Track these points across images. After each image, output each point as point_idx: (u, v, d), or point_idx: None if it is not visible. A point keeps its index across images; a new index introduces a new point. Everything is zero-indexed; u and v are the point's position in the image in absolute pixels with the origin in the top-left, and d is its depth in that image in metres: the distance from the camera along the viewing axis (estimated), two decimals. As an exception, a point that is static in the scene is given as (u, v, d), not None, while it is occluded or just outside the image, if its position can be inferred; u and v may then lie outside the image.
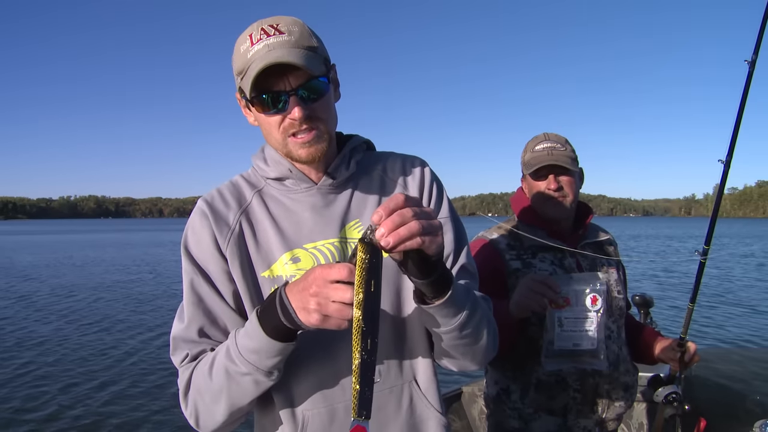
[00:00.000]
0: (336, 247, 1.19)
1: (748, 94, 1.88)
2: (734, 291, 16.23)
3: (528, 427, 1.84)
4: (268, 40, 1.08)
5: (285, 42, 1.08)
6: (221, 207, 1.21)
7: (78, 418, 6.27)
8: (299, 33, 1.11)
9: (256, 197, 1.24)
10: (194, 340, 1.16)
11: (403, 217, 0.86)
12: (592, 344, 1.70)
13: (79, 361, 8.77)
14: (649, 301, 2.84)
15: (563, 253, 1.89)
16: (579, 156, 1.94)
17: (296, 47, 1.09)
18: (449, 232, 1.27)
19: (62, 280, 19.45)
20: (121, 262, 27.28)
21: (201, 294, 1.17)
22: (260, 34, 1.09)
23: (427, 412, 1.23)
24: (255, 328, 1.02)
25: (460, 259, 1.27)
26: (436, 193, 1.31)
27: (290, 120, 1.11)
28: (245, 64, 1.10)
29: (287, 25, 1.11)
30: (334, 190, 1.24)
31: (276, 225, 1.20)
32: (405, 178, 1.30)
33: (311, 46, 1.12)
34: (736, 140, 1.89)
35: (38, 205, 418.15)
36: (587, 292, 1.68)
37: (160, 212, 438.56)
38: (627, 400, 1.89)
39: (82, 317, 12.47)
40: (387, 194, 1.27)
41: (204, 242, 1.18)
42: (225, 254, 1.17)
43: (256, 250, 1.19)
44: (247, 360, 1.04)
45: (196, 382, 1.13)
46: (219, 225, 1.19)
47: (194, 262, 1.18)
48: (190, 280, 1.18)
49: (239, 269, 1.16)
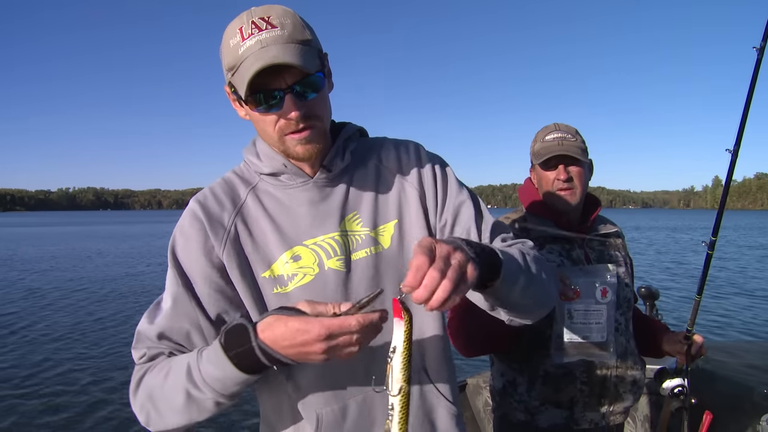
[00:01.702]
0: (337, 241, 1.17)
1: (756, 81, 1.86)
2: (740, 283, 16.20)
3: (534, 420, 1.83)
4: (260, 36, 1.04)
5: (278, 37, 1.04)
6: (215, 208, 1.18)
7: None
8: (292, 26, 1.06)
9: (251, 195, 1.21)
10: (153, 341, 1.14)
11: (433, 280, 0.82)
12: (602, 337, 1.69)
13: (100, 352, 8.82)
14: (655, 294, 2.84)
15: (571, 244, 1.87)
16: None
17: (290, 42, 1.04)
18: (467, 208, 1.24)
19: (72, 273, 19.49)
20: (127, 253, 27.37)
21: (177, 299, 1.14)
22: (251, 28, 1.04)
23: (437, 401, 1.22)
24: (221, 360, 1.00)
25: (484, 226, 1.24)
26: (440, 174, 1.27)
27: (286, 120, 1.08)
28: (236, 60, 1.05)
29: (279, 17, 1.06)
30: (330, 183, 1.21)
31: (273, 223, 1.18)
32: (401, 166, 1.28)
33: (305, 39, 1.07)
34: (744, 129, 1.87)
35: (36, 197, 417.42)
36: (597, 285, 1.67)
37: (159, 204, 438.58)
38: (634, 393, 1.88)
39: (97, 309, 12.46)
40: (383, 185, 1.25)
41: (192, 248, 1.15)
42: (222, 258, 1.14)
43: (254, 251, 1.16)
44: (211, 387, 1.03)
45: (148, 389, 1.10)
46: (214, 228, 1.15)
47: (178, 267, 1.15)
48: (170, 284, 1.16)
49: (238, 272, 1.14)
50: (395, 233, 1.21)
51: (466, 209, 1.25)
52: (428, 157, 1.29)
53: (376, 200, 1.23)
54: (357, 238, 1.19)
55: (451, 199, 1.26)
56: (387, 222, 1.22)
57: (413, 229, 1.22)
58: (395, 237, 1.21)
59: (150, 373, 1.11)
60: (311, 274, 1.15)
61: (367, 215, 1.21)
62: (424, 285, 0.82)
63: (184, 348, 1.13)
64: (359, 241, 1.19)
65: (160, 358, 1.13)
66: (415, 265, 0.82)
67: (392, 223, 1.22)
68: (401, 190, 1.25)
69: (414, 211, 1.23)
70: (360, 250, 1.18)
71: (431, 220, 1.25)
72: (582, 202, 1.93)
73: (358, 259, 1.18)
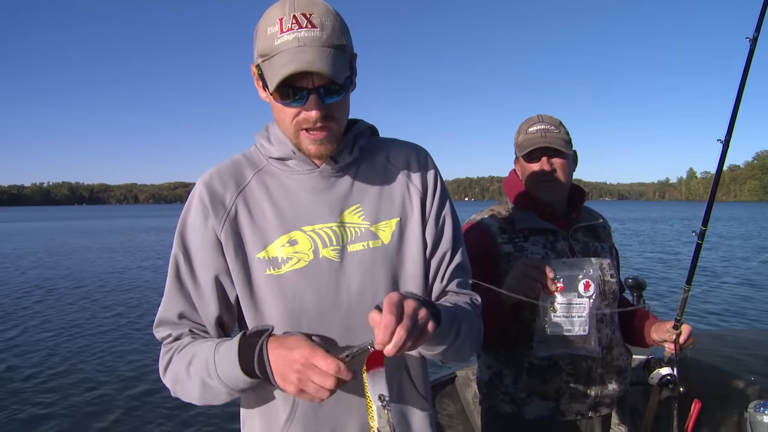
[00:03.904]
0: (334, 231, 1.20)
1: (748, 72, 1.84)
2: (723, 273, 16.40)
3: (521, 411, 1.83)
4: (299, 33, 1.05)
5: (316, 39, 1.06)
6: (218, 188, 1.22)
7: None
8: (331, 28, 1.08)
9: (256, 177, 1.24)
10: (175, 323, 1.23)
11: (401, 339, 0.94)
12: (584, 330, 1.68)
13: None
14: (642, 284, 2.85)
15: (555, 236, 1.87)
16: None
17: (327, 46, 1.06)
18: (448, 229, 1.31)
19: (54, 270, 19.25)
20: (112, 248, 26.86)
21: (183, 279, 1.22)
22: (291, 22, 1.06)
23: (414, 400, 1.26)
24: (233, 361, 1.08)
25: (455, 258, 1.31)
26: (440, 192, 1.32)
27: (306, 116, 1.11)
28: (271, 50, 1.08)
29: (321, 16, 1.07)
30: (336, 174, 1.24)
31: (275, 206, 1.21)
32: (409, 168, 1.31)
33: (340, 44, 1.09)
34: (735, 119, 1.85)
35: (9, 192, 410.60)
36: (580, 278, 1.67)
37: (136, 198, 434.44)
38: (620, 383, 1.89)
39: (89, 305, 12.35)
40: (389, 182, 1.28)
41: (196, 228, 1.21)
42: (220, 238, 1.19)
43: (251, 231, 1.20)
44: (223, 381, 1.11)
45: (174, 371, 1.20)
46: (215, 207, 1.20)
47: (182, 246, 1.22)
48: (175, 263, 1.23)
49: (233, 251, 1.18)
50: (396, 230, 1.24)
51: (447, 229, 1.31)
52: (433, 165, 1.34)
53: (381, 196, 1.26)
54: (356, 230, 1.22)
55: (440, 217, 1.31)
56: (389, 218, 1.25)
57: (414, 229, 1.26)
58: (396, 234, 1.24)
59: (176, 357, 1.20)
60: (305, 260, 1.18)
61: (369, 209, 1.24)
62: (394, 343, 0.94)
63: (202, 327, 1.23)
64: (358, 233, 1.21)
65: (184, 340, 1.22)
66: (384, 324, 0.93)
67: (395, 221, 1.25)
68: (406, 190, 1.28)
69: (416, 212, 1.27)
70: (357, 243, 1.21)
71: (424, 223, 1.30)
72: (566, 193, 1.93)
73: (355, 251, 1.20)
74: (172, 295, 1.23)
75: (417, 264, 1.24)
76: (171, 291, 1.23)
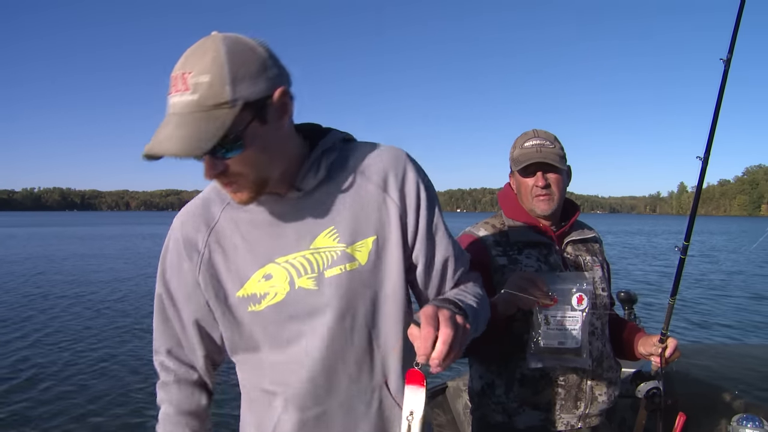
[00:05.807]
0: (308, 259, 1.16)
1: (724, 92, 1.90)
2: (710, 285, 16.56)
3: (512, 422, 1.85)
4: (174, 98, 0.98)
5: (186, 104, 0.96)
6: (191, 232, 1.21)
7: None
8: (207, 86, 0.95)
9: (225, 212, 1.20)
10: (165, 357, 1.29)
11: (442, 352, 0.95)
12: (576, 343, 1.71)
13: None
14: (634, 297, 2.88)
15: (549, 249, 1.90)
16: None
17: (198, 110, 0.96)
18: (442, 241, 1.28)
19: (52, 276, 19.43)
20: (106, 255, 27.04)
21: (169, 318, 1.26)
22: (173, 83, 0.98)
23: (395, 415, 1.24)
24: None
25: (457, 259, 1.32)
26: (425, 198, 1.23)
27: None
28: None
29: (198, 74, 0.95)
30: (304, 198, 1.17)
31: (246, 241, 1.18)
32: (385, 179, 1.21)
33: (220, 102, 0.96)
34: (713, 137, 1.91)
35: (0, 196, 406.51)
36: (574, 291, 1.69)
37: (127, 205, 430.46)
38: (610, 396, 1.91)
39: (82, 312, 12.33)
40: (363, 198, 1.19)
41: (174, 271, 1.23)
42: (198, 280, 1.20)
43: (227, 270, 1.19)
44: None
45: (160, 420, 1.30)
46: (189, 252, 1.20)
47: (165, 287, 1.25)
48: (160, 302, 1.26)
49: (213, 293, 1.19)
50: (373, 249, 1.18)
51: (441, 241, 1.28)
52: (413, 169, 1.23)
53: (355, 214, 1.18)
54: (332, 254, 1.16)
55: (431, 226, 1.25)
56: (365, 237, 1.18)
57: (392, 247, 1.19)
58: (373, 253, 1.18)
59: (162, 415, 1.30)
60: (282, 293, 1.16)
61: (344, 230, 1.17)
62: (436, 356, 0.95)
63: (190, 365, 1.28)
64: (333, 257, 1.16)
65: (171, 388, 1.29)
66: (424, 335, 0.95)
67: (371, 239, 1.18)
68: (382, 205, 1.19)
69: (394, 228, 1.19)
70: (334, 267, 1.16)
71: (409, 238, 1.23)
72: (560, 207, 1.96)
73: (331, 276, 1.16)
74: (160, 330, 1.28)
75: (396, 282, 1.20)
76: (159, 327, 1.28)
